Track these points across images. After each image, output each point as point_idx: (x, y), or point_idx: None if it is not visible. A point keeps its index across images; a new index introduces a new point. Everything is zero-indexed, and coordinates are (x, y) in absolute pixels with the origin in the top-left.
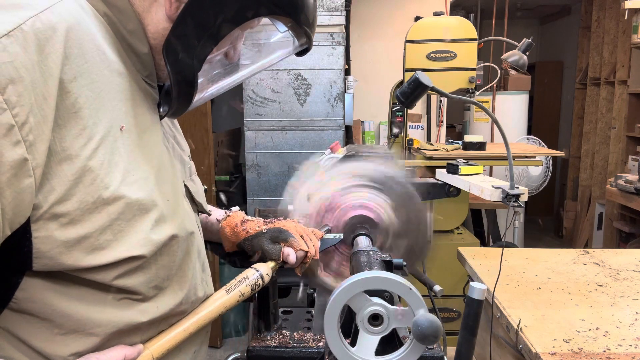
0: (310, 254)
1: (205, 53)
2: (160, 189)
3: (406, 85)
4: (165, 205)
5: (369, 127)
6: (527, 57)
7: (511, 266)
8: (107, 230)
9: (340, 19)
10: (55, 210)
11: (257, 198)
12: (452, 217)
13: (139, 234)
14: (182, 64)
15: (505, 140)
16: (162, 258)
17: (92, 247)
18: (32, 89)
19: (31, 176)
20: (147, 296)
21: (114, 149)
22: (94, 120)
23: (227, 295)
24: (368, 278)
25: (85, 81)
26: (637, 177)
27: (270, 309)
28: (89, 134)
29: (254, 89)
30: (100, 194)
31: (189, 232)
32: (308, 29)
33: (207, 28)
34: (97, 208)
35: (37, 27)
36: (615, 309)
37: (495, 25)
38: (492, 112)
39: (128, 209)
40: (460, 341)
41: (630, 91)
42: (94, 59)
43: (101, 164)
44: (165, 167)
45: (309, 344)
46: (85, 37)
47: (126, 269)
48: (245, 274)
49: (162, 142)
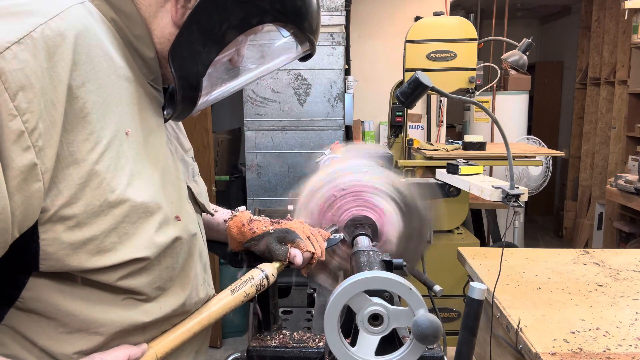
0: (317, 255)
1: (210, 59)
2: (165, 191)
3: (406, 85)
4: (170, 207)
5: (369, 127)
6: (527, 57)
7: (511, 266)
8: (112, 233)
9: (340, 18)
10: (62, 213)
11: (257, 198)
12: (452, 217)
13: (144, 237)
14: (187, 69)
15: (505, 140)
16: (166, 260)
17: (98, 250)
18: (42, 96)
19: (40, 180)
20: (150, 297)
21: (120, 152)
22: (101, 125)
23: (231, 296)
24: (368, 278)
25: (93, 86)
26: (637, 177)
27: (270, 309)
28: (96, 139)
29: (254, 89)
30: (106, 197)
31: (192, 234)
32: (312, 36)
33: (212, 34)
34: (104, 211)
35: (47, 35)
36: (615, 309)
37: (495, 25)
38: (492, 112)
39: (133, 211)
40: (460, 341)
41: (630, 91)
42: (101, 65)
43: (107, 167)
44: (169, 170)
45: (309, 344)
46: (94, 43)
47: (130, 270)
48: (251, 274)
49: (166, 144)
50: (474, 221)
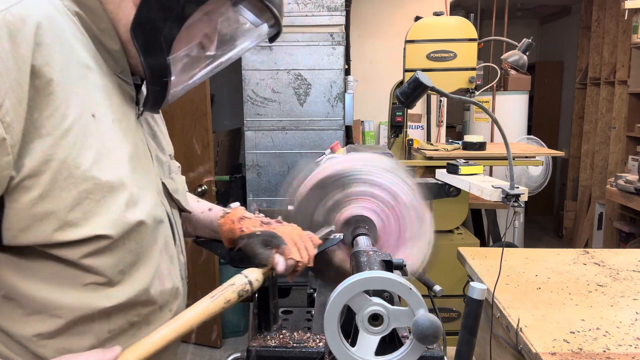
0: (302, 262)
1: (172, 35)
2: (133, 175)
3: (406, 85)
4: (136, 191)
5: (369, 127)
6: (527, 57)
7: (511, 266)
8: (76, 208)
9: (340, 18)
10: (26, 184)
11: (257, 198)
12: (452, 217)
13: (109, 215)
14: (151, 48)
15: (505, 140)
16: (130, 243)
17: (62, 224)
18: (7, 76)
19: (9, 154)
20: (112, 280)
21: (87, 132)
22: (67, 103)
23: (211, 302)
24: (368, 278)
25: (57, 67)
26: (637, 177)
27: (270, 309)
28: (61, 115)
29: (254, 89)
30: (71, 172)
31: (158, 221)
32: (274, 9)
33: (170, 9)
34: (68, 186)
35: (8, 20)
36: (615, 309)
37: (495, 25)
38: (492, 112)
39: (98, 189)
40: (460, 341)
41: (630, 91)
42: (63, 50)
43: (73, 144)
44: (139, 157)
45: (309, 344)
46: (55, 28)
47: (94, 248)
48: (233, 280)
49: (138, 135)
50: (474, 221)
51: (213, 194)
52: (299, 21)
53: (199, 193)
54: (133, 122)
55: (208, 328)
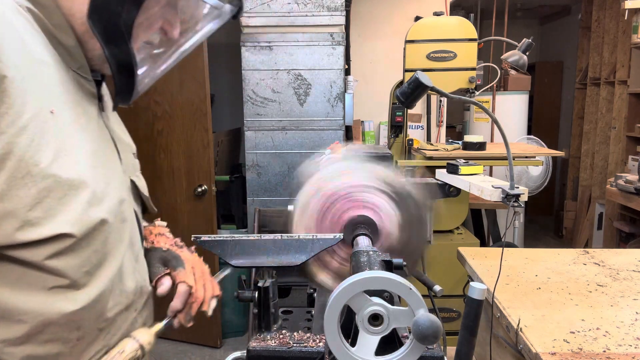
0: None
1: (131, 18)
2: (95, 173)
3: (406, 85)
4: (98, 189)
5: (369, 127)
6: (527, 57)
7: (511, 266)
8: (37, 207)
9: (340, 19)
10: None
11: (257, 198)
12: (452, 217)
13: (70, 213)
14: (111, 34)
15: (505, 140)
16: (95, 242)
17: (22, 223)
18: None
19: None
20: (78, 282)
21: (45, 129)
22: (22, 100)
23: None
24: (368, 278)
25: (10, 63)
26: (637, 177)
27: (270, 309)
28: (17, 112)
29: (254, 89)
30: (29, 170)
31: (122, 219)
32: None
33: None
34: (27, 184)
35: None
36: (615, 309)
37: (495, 25)
38: (492, 112)
39: (58, 187)
40: (460, 341)
41: (630, 91)
42: (16, 46)
43: (31, 141)
44: (103, 154)
45: (309, 344)
46: (6, 26)
47: (57, 248)
48: (123, 346)
49: (102, 132)
50: (474, 221)
51: (213, 194)
52: (299, 21)
53: (199, 193)
54: (95, 118)
55: (208, 328)
